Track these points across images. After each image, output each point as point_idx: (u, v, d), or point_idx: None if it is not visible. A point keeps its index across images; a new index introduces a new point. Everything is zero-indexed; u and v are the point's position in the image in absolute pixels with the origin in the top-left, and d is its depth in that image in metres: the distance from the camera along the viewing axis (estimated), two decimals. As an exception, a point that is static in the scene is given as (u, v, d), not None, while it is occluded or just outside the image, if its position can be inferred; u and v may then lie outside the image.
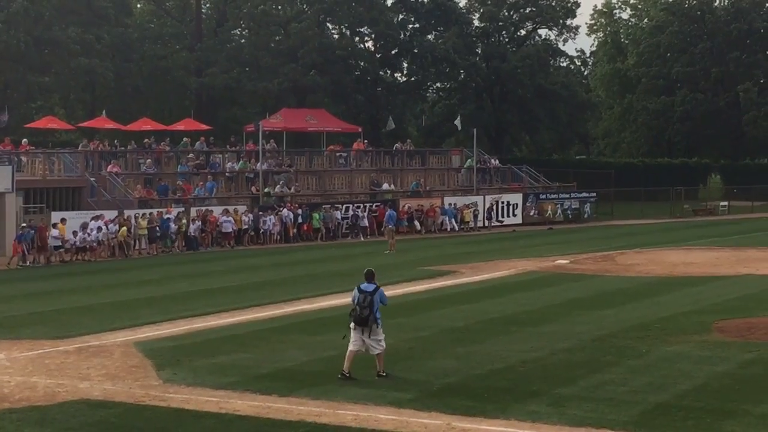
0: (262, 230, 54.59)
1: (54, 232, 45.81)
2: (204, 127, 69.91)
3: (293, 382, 20.42)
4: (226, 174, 60.25)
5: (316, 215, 57.07)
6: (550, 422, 17.26)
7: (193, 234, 51.36)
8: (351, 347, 20.89)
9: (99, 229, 47.22)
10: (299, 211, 56.61)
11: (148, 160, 57.92)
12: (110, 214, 48.74)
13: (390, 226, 51.62)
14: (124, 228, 48.34)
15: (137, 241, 49.68)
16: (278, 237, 55.22)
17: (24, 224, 45.68)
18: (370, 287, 20.88)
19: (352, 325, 20.88)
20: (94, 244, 47.12)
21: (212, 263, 45.46)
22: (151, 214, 50.39)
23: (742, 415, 17.66)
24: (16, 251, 44.59)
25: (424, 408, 18.28)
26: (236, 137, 69.50)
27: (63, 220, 46.51)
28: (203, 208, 53.43)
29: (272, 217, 55.06)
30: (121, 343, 25.23)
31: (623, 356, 22.86)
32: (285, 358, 22.91)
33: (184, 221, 51.11)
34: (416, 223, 61.45)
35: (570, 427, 16.92)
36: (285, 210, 55.98)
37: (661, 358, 22.56)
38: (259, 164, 59.71)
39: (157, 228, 49.89)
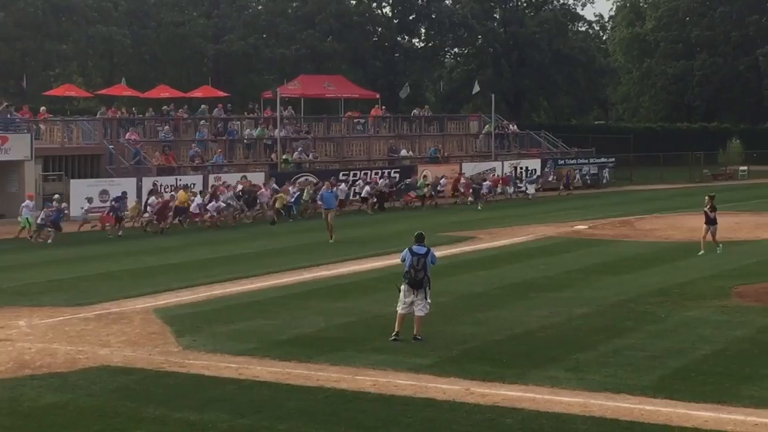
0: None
1: (197, 199, 46.94)
2: (221, 94, 69.92)
3: (313, 348, 20.48)
4: (244, 141, 60.20)
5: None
6: (569, 387, 17.27)
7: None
8: (401, 310, 21.07)
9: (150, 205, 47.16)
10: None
11: (166, 127, 57.92)
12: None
13: (329, 209, 41.40)
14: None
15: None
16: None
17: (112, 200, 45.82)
18: (422, 249, 21.03)
19: (403, 287, 21.02)
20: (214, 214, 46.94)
21: (232, 231, 45.46)
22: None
23: (760, 379, 17.65)
24: (104, 221, 44.43)
25: (443, 373, 18.33)
26: (254, 104, 69.44)
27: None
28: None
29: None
30: (141, 309, 25.30)
31: (642, 321, 22.86)
32: (304, 324, 22.96)
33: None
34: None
35: (589, 392, 16.93)
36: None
37: (680, 323, 22.54)
38: (277, 131, 59.65)
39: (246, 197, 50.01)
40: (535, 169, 65.44)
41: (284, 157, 58.47)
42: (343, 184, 54.33)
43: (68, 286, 29.33)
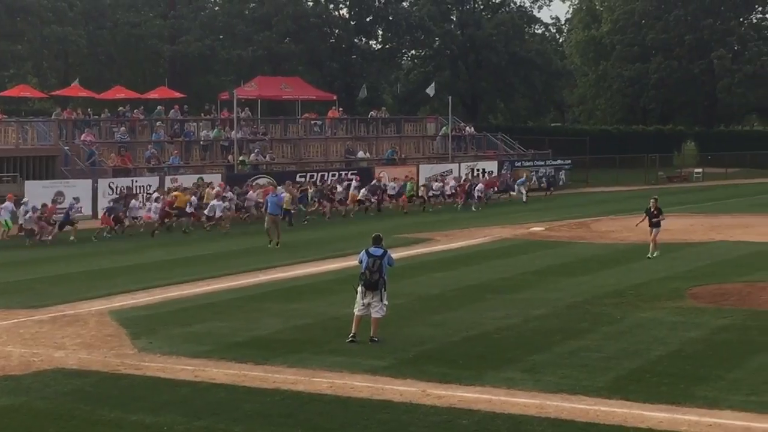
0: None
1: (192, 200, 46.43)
2: (178, 95, 69.61)
3: (269, 350, 20.44)
4: (201, 142, 59.94)
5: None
6: (525, 389, 17.32)
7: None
8: (357, 312, 21.08)
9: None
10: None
11: (122, 129, 57.60)
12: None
13: (273, 215, 40.11)
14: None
15: None
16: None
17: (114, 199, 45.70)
18: (378, 251, 21.00)
19: (360, 288, 21.02)
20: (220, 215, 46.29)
21: (188, 234, 45.22)
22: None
23: (714, 380, 17.78)
24: (104, 222, 44.14)
25: (400, 375, 18.33)
26: (211, 105, 69.21)
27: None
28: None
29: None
30: (96, 312, 25.15)
31: (598, 323, 22.97)
32: (260, 326, 22.92)
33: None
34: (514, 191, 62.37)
35: (545, 394, 16.99)
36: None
37: (636, 325, 22.67)
38: (233, 132, 59.44)
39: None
40: (531, 171, 65.90)
41: (241, 158, 58.24)
42: (339, 186, 54.46)
43: (23, 288, 29.11)
